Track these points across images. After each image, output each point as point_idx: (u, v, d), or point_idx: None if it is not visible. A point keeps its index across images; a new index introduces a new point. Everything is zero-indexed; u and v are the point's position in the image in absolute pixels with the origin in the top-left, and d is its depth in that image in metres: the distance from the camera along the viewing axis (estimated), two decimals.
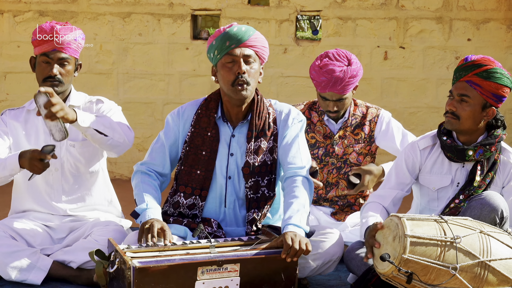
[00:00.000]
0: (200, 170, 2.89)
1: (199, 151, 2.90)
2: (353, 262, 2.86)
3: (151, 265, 2.45)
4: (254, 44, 2.84)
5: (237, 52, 2.81)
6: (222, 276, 2.52)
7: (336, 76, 3.39)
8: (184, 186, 2.91)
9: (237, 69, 2.80)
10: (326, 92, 3.45)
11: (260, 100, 2.93)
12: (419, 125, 6.03)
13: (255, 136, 2.89)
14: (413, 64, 5.99)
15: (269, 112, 2.93)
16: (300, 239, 2.60)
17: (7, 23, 6.02)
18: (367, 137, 3.62)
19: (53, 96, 2.78)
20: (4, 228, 3.09)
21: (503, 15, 5.87)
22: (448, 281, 2.45)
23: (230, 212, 2.92)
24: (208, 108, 2.93)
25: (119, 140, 3.04)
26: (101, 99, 3.27)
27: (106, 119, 3.03)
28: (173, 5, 6.02)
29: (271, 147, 2.90)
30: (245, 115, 2.93)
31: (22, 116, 3.23)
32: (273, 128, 2.91)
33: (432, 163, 2.99)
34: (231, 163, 2.90)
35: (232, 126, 2.93)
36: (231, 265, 2.52)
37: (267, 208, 2.89)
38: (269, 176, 2.89)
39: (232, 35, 2.81)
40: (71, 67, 3.14)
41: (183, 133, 2.95)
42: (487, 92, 2.83)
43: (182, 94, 6.10)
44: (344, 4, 5.96)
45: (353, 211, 3.63)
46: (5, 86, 6.09)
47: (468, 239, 2.49)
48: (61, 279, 3.06)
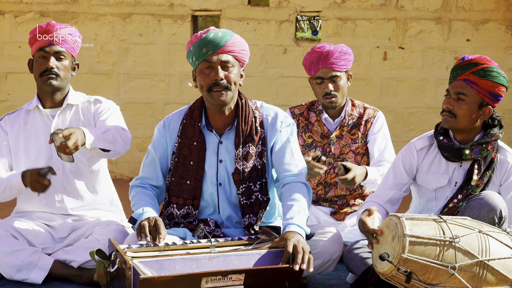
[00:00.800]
0: (190, 180, 2.86)
1: (187, 161, 2.87)
2: (353, 262, 2.86)
3: (155, 276, 2.41)
4: (232, 49, 2.80)
5: (214, 58, 2.77)
6: (226, 284, 2.48)
7: (326, 50, 3.54)
8: (176, 197, 2.88)
9: (214, 75, 2.77)
10: (320, 69, 3.53)
11: (245, 104, 2.88)
12: (418, 125, 6.04)
13: (242, 142, 2.85)
14: (413, 65, 6.00)
15: (256, 116, 2.89)
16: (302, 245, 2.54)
17: (8, 24, 6.03)
18: (363, 137, 3.65)
19: (69, 139, 2.82)
20: (6, 227, 3.10)
21: (502, 15, 5.88)
22: (447, 281, 2.45)
23: (225, 218, 2.91)
24: (192, 117, 2.90)
25: (120, 151, 3.11)
26: (99, 99, 3.29)
27: (109, 134, 3.04)
28: (174, 6, 6.02)
29: (260, 151, 2.87)
30: (231, 120, 2.89)
31: (21, 118, 3.25)
32: (261, 132, 2.87)
33: (429, 163, 3.00)
34: (221, 170, 2.88)
35: (218, 133, 2.89)
36: (235, 275, 2.48)
37: (262, 212, 2.87)
38: (260, 180, 2.87)
39: (208, 41, 2.77)
40: (67, 62, 3.17)
41: (171, 144, 2.92)
42: (483, 91, 2.84)
43: (182, 94, 6.11)
44: (343, 5, 5.97)
45: (353, 210, 3.64)
46: (6, 86, 6.10)
47: (467, 239, 2.49)
48: (62, 278, 3.07)
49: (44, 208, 3.22)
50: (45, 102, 3.23)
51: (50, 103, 3.23)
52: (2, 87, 6.10)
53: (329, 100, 3.55)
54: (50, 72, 3.12)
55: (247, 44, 2.89)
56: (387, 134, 3.67)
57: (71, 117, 3.23)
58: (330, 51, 3.52)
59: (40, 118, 3.24)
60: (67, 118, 3.22)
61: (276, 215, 3.01)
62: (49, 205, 3.21)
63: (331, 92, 3.53)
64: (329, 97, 3.55)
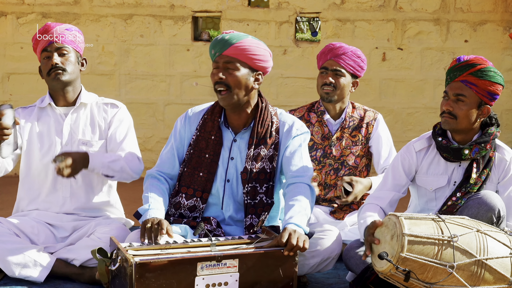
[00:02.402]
0: (203, 172, 2.92)
1: (202, 154, 2.93)
2: (352, 261, 2.87)
3: (152, 260, 2.47)
4: (237, 52, 2.85)
5: (219, 60, 2.86)
6: (221, 271, 2.55)
7: (340, 45, 3.58)
8: (186, 187, 2.94)
9: (216, 77, 2.85)
10: (327, 60, 3.56)
11: (265, 108, 2.95)
12: (417, 125, 6.05)
13: (255, 143, 2.91)
14: (411, 65, 6.01)
15: (273, 121, 2.96)
16: (298, 236, 2.62)
17: (10, 25, 6.05)
18: (364, 140, 3.66)
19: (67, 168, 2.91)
20: (9, 225, 3.11)
21: (500, 16, 5.90)
22: (445, 279, 2.46)
23: (227, 216, 2.95)
24: (213, 113, 2.98)
25: (126, 179, 3.17)
26: (116, 103, 3.33)
27: (117, 164, 3.10)
28: (174, 7, 6.04)
29: (271, 155, 2.92)
30: (249, 121, 2.95)
31: (34, 114, 3.27)
32: (275, 137, 2.94)
33: (428, 164, 3.01)
34: (231, 167, 2.93)
35: (234, 131, 2.96)
36: (230, 260, 2.54)
37: (265, 215, 2.91)
38: (267, 183, 2.91)
39: (215, 43, 2.87)
40: (71, 56, 3.20)
41: (189, 136, 2.99)
42: (482, 91, 2.85)
43: (183, 95, 6.12)
44: (343, 6, 5.98)
45: (352, 210, 3.66)
46: (9, 86, 6.11)
47: (465, 238, 2.49)
48: (64, 276, 3.08)
49: (47, 208, 3.23)
50: (58, 101, 3.25)
51: (63, 102, 3.25)
52: (5, 87, 6.11)
53: (326, 90, 3.56)
54: (56, 68, 3.15)
55: (262, 49, 2.92)
56: (390, 138, 3.69)
57: (84, 116, 3.25)
58: (342, 46, 3.56)
59: (53, 116, 3.26)
60: (80, 117, 3.25)
61: (277, 218, 3.04)
62: (53, 204, 3.23)
63: (330, 84, 3.55)
64: (326, 88, 3.56)
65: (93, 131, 3.25)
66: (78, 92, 3.26)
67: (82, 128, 3.24)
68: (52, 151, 3.20)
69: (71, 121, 3.24)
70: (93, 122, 3.26)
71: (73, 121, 3.24)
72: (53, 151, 3.20)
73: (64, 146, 3.20)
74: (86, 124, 3.25)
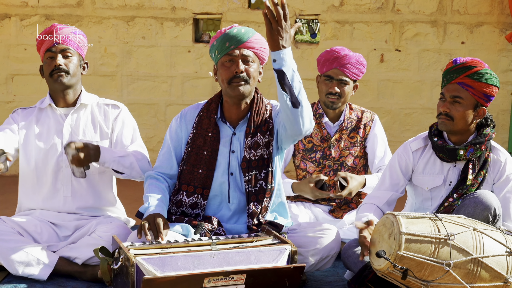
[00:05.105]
0: (202, 169, 2.95)
1: (200, 151, 2.96)
2: (350, 259, 2.89)
3: (159, 276, 2.44)
4: (253, 45, 2.90)
5: (236, 52, 2.87)
6: (227, 284, 2.51)
7: (345, 53, 3.57)
8: (187, 185, 2.96)
9: (235, 68, 2.86)
10: (332, 68, 3.56)
11: (260, 99, 2.99)
12: (414, 126, 6.06)
13: (253, 132, 2.94)
14: (409, 67, 6.02)
15: (267, 108, 3.00)
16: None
17: (14, 27, 6.07)
18: (362, 140, 3.69)
19: (81, 152, 2.92)
20: (12, 224, 3.12)
21: (496, 18, 5.91)
22: (442, 277, 2.46)
23: (234, 208, 2.97)
24: (209, 110, 3.00)
25: (135, 177, 3.17)
26: (116, 104, 3.34)
27: (127, 160, 3.10)
28: (176, 9, 6.06)
29: (267, 141, 2.95)
30: (245, 113, 2.98)
31: (34, 115, 3.28)
32: (269, 123, 2.97)
33: (424, 164, 3.04)
34: (233, 159, 2.96)
35: (232, 126, 2.99)
36: (237, 275, 2.51)
37: (266, 200, 2.94)
38: (266, 169, 2.94)
39: (231, 36, 2.87)
40: (75, 59, 3.21)
41: (186, 134, 3.02)
42: (478, 93, 2.88)
43: (184, 95, 6.14)
44: (341, 8, 6.00)
45: (351, 208, 3.68)
46: (13, 87, 6.12)
47: (462, 237, 2.51)
48: (67, 275, 3.09)
49: (49, 207, 3.25)
50: (58, 102, 3.26)
51: (63, 103, 3.26)
52: (9, 88, 6.13)
53: (331, 100, 3.59)
54: (59, 69, 3.16)
55: (266, 42, 2.94)
56: (385, 139, 3.72)
57: (84, 117, 3.26)
58: (348, 55, 3.56)
59: (53, 116, 3.26)
60: (80, 117, 3.26)
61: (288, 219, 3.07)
62: (55, 203, 3.24)
63: (335, 93, 3.58)
64: (332, 97, 3.58)
65: (94, 131, 3.26)
66: (78, 93, 3.27)
67: (83, 128, 3.25)
68: (52, 151, 3.21)
69: (72, 121, 3.24)
70: (94, 123, 3.27)
71: (74, 121, 3.24)
72: (53, 152, 3.21)
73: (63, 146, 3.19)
74: (86, 124, 3.25)
